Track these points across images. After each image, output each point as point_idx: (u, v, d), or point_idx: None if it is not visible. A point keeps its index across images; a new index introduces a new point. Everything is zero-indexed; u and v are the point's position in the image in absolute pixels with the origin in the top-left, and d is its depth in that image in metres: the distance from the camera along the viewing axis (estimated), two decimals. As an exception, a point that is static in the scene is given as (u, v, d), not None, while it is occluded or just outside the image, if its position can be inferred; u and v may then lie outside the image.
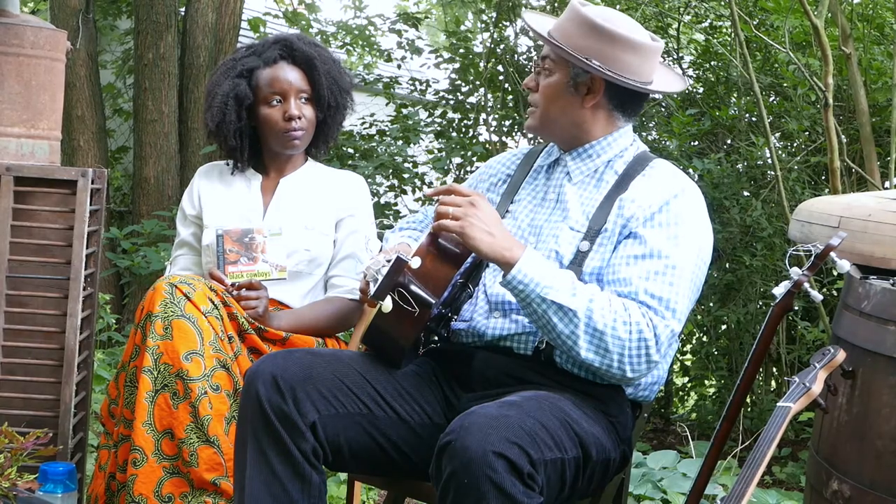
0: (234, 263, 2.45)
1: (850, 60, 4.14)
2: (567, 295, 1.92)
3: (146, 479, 2.19)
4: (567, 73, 2.11)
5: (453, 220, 1.96)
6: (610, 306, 1.94)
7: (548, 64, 2.15)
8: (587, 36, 2.07)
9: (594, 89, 2.12)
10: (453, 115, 6.17)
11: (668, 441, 4.71)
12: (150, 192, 5.72)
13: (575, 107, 2.14)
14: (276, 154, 2.64)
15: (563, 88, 2.12)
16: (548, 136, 2.23)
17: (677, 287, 1.98)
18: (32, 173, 2.50)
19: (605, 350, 1.93)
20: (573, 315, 1.92)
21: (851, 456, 1.90)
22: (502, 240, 1.97)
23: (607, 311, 1.93)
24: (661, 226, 2.02)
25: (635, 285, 1.97)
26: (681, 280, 1.99)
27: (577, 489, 1.95)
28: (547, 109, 2.16)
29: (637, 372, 1.95)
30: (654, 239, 2.01)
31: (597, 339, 1.92)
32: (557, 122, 2.16)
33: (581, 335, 1.92)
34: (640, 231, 2.02)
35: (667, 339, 1.96)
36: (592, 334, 1.92)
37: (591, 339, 1.92)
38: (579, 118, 2.15)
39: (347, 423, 2.01)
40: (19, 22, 2.56)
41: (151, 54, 5.66)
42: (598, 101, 2.13)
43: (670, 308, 1.97)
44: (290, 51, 2.57)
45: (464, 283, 2.19)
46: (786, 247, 4.36)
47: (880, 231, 2.02)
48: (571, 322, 1.92)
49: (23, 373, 2.49)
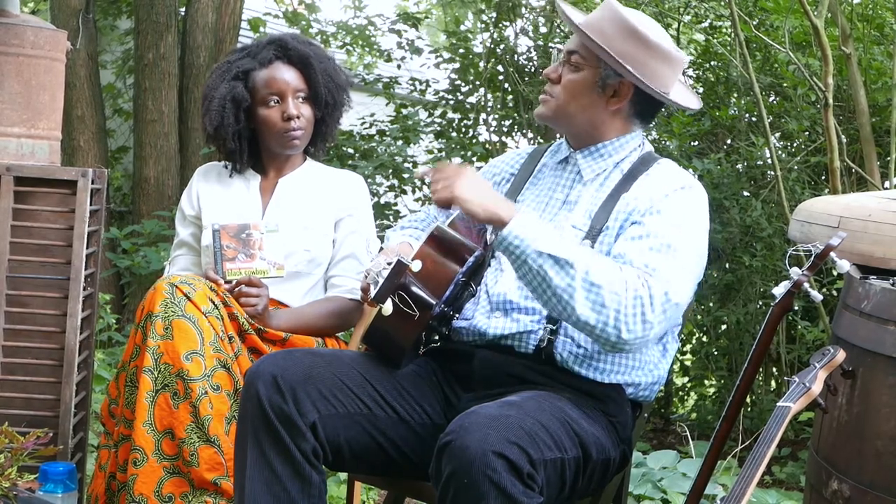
0: (231, 260, 2.45)
1: (850, 60, 4.14)
2: (563, 248, 1.89)
3: (147, 479, 2.19)
4: (597, 72, 2.09)
5: (443, 186, 1.97)
6: (605, 262, 1.92)
7: (576, 59, 2.11)
8: (624, 39, 2.05)
9: (621, 93, 2.10)
10: (453, 115, 6.17)
11: (668, 441, 4.71)
12: (150, 192, 5.72)
13: (597, 107, 2.12)
14: (275, 154, 2.64)
15: (589, 87, 2.10)
16: (559, 127, 2.22)
17: (677, 261, 1.95)
18: (32, 173, 2.50)
19: (601, 305, 1.87)
20: (569, 267, 1.88)
21: (851, 456, 1.90)
22: (494, 199, 1.96)
23: (604, 266, 1.90)
24: (660, 213, 2.01)
25: (631, 258, 1.95)
26: (678, 259, 1.95)
27: (577, 489, 1.96)
28: (567, 104, 2.13)
29: (632, 333, 1.89)
30: (654, 223, 1.99)
31: (593, 293, 1.87)
32: (574, 118, 2.14)
33: (578, 288, 1.87)
34: (640, 219, 2.02)
35: (661, 301, 1.90)
36: (589, 289, 1.87)
37: (587, 293, 1.87)
38: (598, 119, 2.14)
39: (348, 423, 2.01)
40: (19, 22, 2.56)
41: (151, 54, 5.66)
42: (622, 105, 2.12)
43: (665, 278, 1.92)
44: (285, 50, 2.57)
45: (466, 281, 2.19)
46: (786, 247, 4.36)
47: (880, 231, 2.02)
48: (568, 275, 1.88)
49: (23, 373, 2.50)
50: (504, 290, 2.11)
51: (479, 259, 2.20)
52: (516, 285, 2.10)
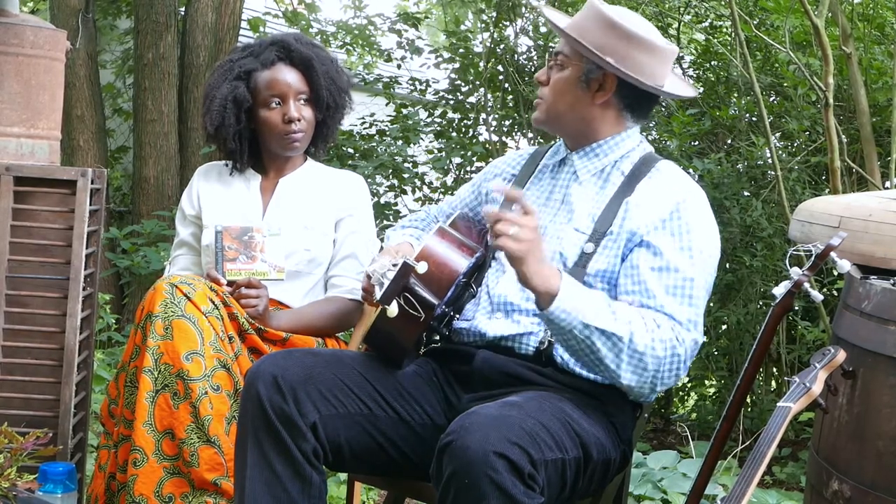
0: (232, 261, 2.45)
1: (850, 60, 4.14)
2: (610, 320, 1.90)
3: (147, 480, 2.19)
4: (580, 68, 2.11)
5: (515, 240, 1.85)
6: (646, 326, 1.93)
7: (561, 59, 2.14)
8: (604, 33, 2.06)
9: (605, 86, 2.11)
10: (453, 115, 6.16)
11: (668, 441, 4.71)
12: (150, 192, 5.72)
13: (584, 103, 2.13)
14: (276, 155, 2.64)
15: (573, 83, 2.12)
16: (553, 130, 2.23)
17: (695, 300, 2.00)
18: (32, 173, 2.50)
19: (643, 370, 1.93)
20: (618, 339, 1.90)
21: (851, 456, 1.90)
22: (550, 271, 1.90)
23: (645, 332, 1.92)
24: (672, 235, 2.02)
25: (660, 300, 1.98)
26: (697, 291, 2.01)
27: (577, 489, 1.95)
28: (555, 103, 2.15)
29: (665, 385, 1.98)
30: (668, 250, 2.01)
31: (636, 359, 1.92)
32: (564, 117, 2.16)
33: (625, 359, 1.91)
34: (651, 240, 2.02)
35: (691, 350, 1.98)
36: (632, 355, 1.91)
37: (630, 359, 1.92)
38: (588, 115, 2.14)
39: (348, 424, 2.01)
40: (19, 22, 2.56)
41: (151, 54, 5.66)
42: (609, 99, 2.12)
43: (692, 321, 1.99)
44: (288, 52, 2.57)
45: (467, 282, 2.19)
46: (786, 247, 4.36)
47: (880, 231, 2.02)
48: (616, 346, 1.90)
49: (23, 373, 2.49)
50: (505, 292, 2.11)
51: (481, 260, 2.20)
52: (517, 286, 2.10)
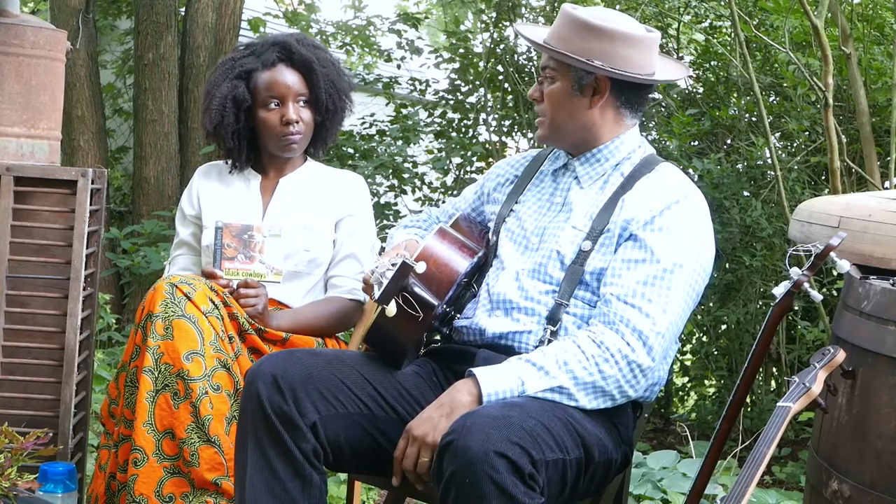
0: (230, 260, 2.45)
1: (850, 60, 4.14)
2: (543, 379, 1.92)
3: (147, 479, 2.19)
4: (570, 77, 2.11)
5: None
6: (583, 355, 1.94)
7: (549, 72, 2.14)
8: (584, 37, 2.07)
9: (600, 89, 2.11)
10: (453, 115, 6.16)
11: (668, 441, 4.71)
12: (150, 192, 5.72)
13: (582, 110, 2.13)
14: (275, 155, 2.64)
15: (568, 93, 2.12)
16: (559, 144, 2.23)
17: (674, 291, 1.99)
18: (32, 173, 2.50)
19: (602, 392, 1.95)
20: (560, 388, 1.93)
21: (851, 456, 1.90)
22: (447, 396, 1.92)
23: (586, 362, 1.93)
24: (660, 230, 2.02)
25: (631, 289, 1.98)
26: (677, 284, 1.99)
27: (578, 490, 1.96)
28: (555, 116, 2.15)
29: (639, 388, 1.98)
30: (653, 243, 2.01)
31: (590, 389, 1.94)
32: (567, 128, 2.16)
33: (579, 395, 1.94)
34: (639, 234, 2.02)
35: (651, 343, 1.96)
36: (584, 389, 1.94)
37: (586, 392, 1.94)
38: (588, 121, 2.14)
39: (348, 424, 2.01)
40: (19, 22, 2.56)
41: (151, 54, 5.66)
42: (606, 100, 2.12)
43: (659, 310, 1.97)
44: (289, 53, 2.57)
45: (468, 282, 2.19)
46: (786, 247, 4.36)
47: (880, 231, 2.02)
48: (564, 391, 1.93)
49: (23, 373, 2.50)
50: (505, 290, 2.12)
51: (482, 260, 2.20)
52: (517, 285, 2.11)
